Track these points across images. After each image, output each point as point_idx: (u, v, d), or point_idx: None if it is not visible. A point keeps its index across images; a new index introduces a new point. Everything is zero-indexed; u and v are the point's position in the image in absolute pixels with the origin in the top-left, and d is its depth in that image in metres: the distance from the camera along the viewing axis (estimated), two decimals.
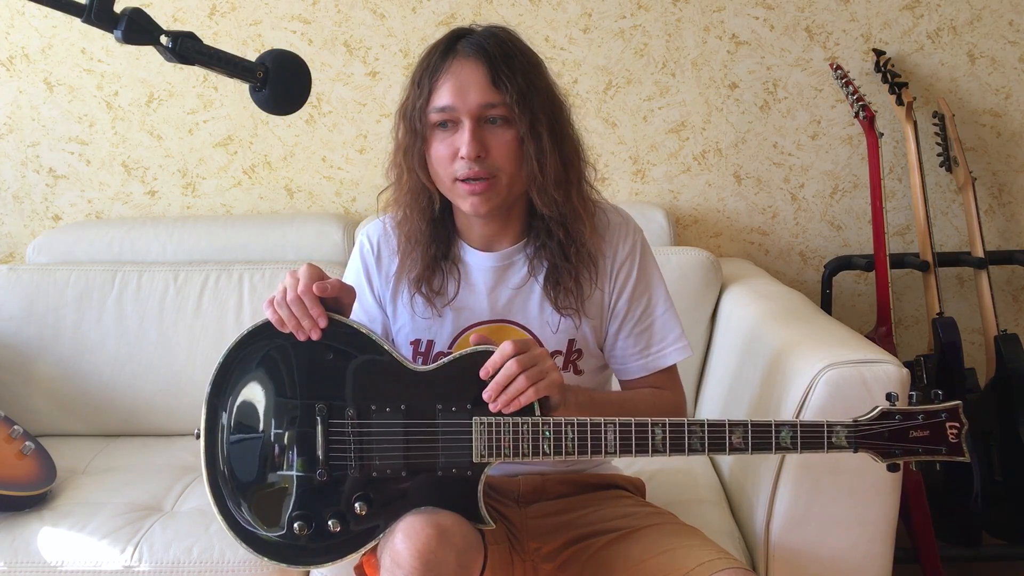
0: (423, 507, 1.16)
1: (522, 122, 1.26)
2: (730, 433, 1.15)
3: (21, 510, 1.65)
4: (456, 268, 1.37)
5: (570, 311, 1.34)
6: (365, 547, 1.19)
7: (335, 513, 1.18)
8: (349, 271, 1.45)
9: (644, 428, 1.16)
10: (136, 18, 0.91)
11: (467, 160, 1.25)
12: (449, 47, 1.29)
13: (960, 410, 1.16)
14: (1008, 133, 2.29)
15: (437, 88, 1.27)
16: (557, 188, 1.29)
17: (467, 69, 1.26)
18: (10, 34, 2.26)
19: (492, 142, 1.26)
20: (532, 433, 1.16)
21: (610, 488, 1.44)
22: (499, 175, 1.27)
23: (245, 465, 1.21)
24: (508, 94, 1.25)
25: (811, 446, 1.16)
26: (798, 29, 2.25)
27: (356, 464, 1.18)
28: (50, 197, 2.34)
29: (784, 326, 1.65)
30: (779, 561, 1.44)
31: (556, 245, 1.32)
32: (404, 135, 1.32)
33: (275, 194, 2.33)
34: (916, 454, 1.16)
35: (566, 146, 1.31)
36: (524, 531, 1.35)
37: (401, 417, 1.18)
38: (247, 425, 1.21)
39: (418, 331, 1.38)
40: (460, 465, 1.17)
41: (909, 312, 2.36)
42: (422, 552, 1.09)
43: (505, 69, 1.25)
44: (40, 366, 2.02)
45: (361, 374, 1.20)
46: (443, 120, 1.27)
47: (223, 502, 1.21)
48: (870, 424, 1.16)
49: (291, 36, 2.26)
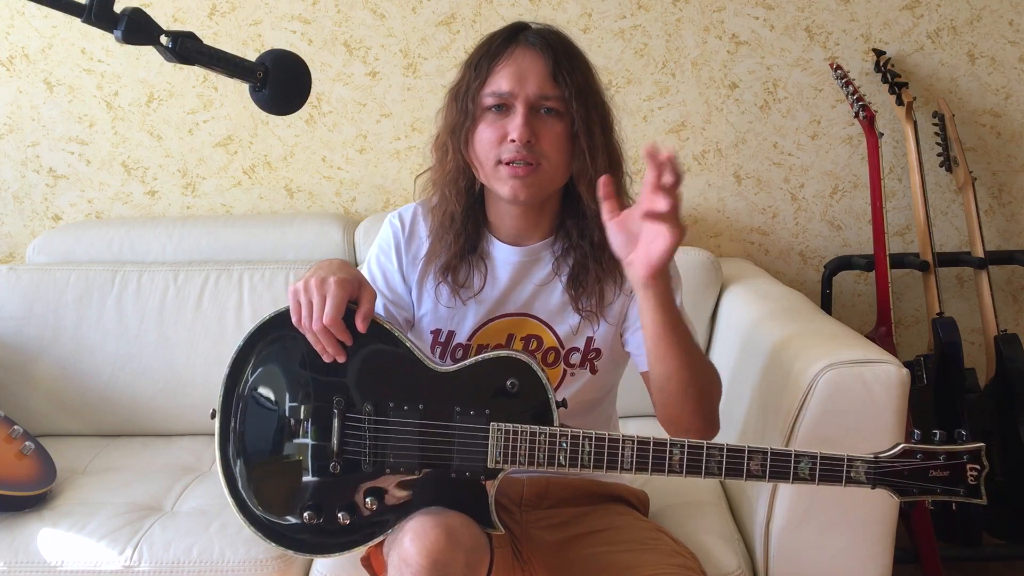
0: (432, 507, 1.15)
1: (578, 116, 1.27)
2: (749, 459, 1.14)
3: (21, 510, 1.65)
4: (483, 262, 1.37)
5: (589, 313, 1.34)
6: (372, 541, 1.19)
7: (345, 505, 1.18)
8: (376, 251, 1.43)
9: (662, 448, 1.14)
10: (136, 18, 0.91)
11: (517, 143, 1.25)
12: (511, 36, 1.30)
13: (982, 453, 1.14)
14: (1008, 133, 2.29)
15: (496, 72, 1.28)
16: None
17: (529, 58, 1.28)
18: (10, 34, 2.26)
19: (542, 130, 1.27)
20: (549, 443, 1.15)
21: (613, 501, 1.44)
22: (544, 163, 1.27)
23: (258, 450, 1.21)
24: (567, 88, 1.26)
25: (829, 479, 1.14)
26: (798, 29, 2.25)
27: (370, 459, 1.18)
28: (50, 197, 2.34)
29: (784, 326, 1.64)
30: (779, 561, 1.43)
31: (589, 246, 1.33)
32: (454, 115, 1.32)
33: (275, 194, 2.33)
34: (934, 493, 1.15)
35: (613, 149, 1.33)
36: (523, 540, 1.35)
37: (418, 416, 1.18)
38: (263, 410, 1.21)
39: (439, 321, 1.38)
40: (474, 469, 1.17)
41: (909, 312, 2.36)
42: (431, 552, 1.09)
43: (566, 64, 1.28)
44: (40, 366, 2.02)
45: (381, 370, 1.20)
46: (497, 104, 1.27)
47: (234, 483, 1.20)
48: (891, 461, 1.14)
49: (291, 36, 2.26)
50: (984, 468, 1.14)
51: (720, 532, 1.51)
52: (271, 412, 1.21)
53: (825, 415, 1.35)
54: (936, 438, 1.15)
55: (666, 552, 1.32)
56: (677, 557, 1.31)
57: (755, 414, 1.56)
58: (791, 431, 1.38)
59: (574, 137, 1.28)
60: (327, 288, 1.16)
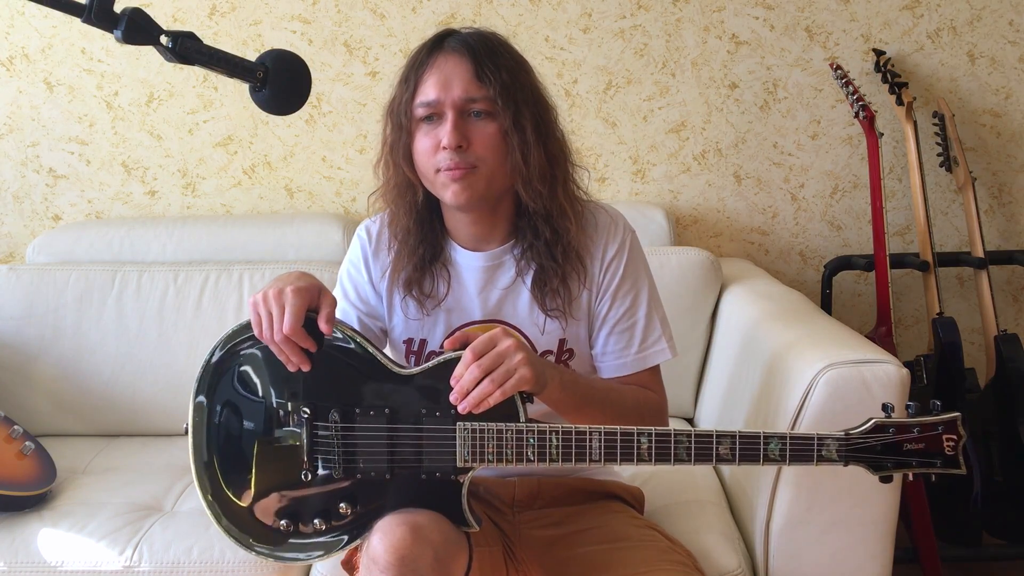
0: (403, 508, 1.16)
1: (505, 115, 1.26)
2: (717, 444, 1.14)
3: (21, 510, 1.65)
4: (446, 269, 1.37)
5: (557, 313, 1.34)
6: (350, 545, 1.20)
7: (320, 512, 1.19)
8: (347, 264, 1.45)
9: (630, 437, 1.14)
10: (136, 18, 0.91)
11: (449, 150, 1.25)
12: (436, 44, 1.30)
13: (959, 422, 1.13)
14: (1008, 133, 2.29)
15: (422, 82, 1.28)
16: (542, 182, 1.29)
17: (451, 63, 1.27)
18: (10, 34, 2.26)
19: (474, 134, 1.27)
20: (516, 439, 1.15)
21: (607, 499, 1.44)
22: (480, 165, 1.27)
23: (231, 462, 1.22)
24: (491, 87, 1.26)
25: (800, 459, 1.14)
26: (798, 29, 2.25)
27: (340, 466, 1.19)
28: (50, 197, 2.34)
29: (784, 326, 1.64)
30: (779, 561, 1.44)
31: (543, 244, 1.32)
32: (391, 132, 1.33)
33: (275, 194, 2.33)
34: (909, 467, 1.13)
35: (551, 143, 1.32)
36: (516, 540, 1.35)
37: (385, 420, 1.18)
38: (232, 423, 1.22)
39: (411, 331, 1.38)
40: (444, 469, 1.17)
41: (909, 312, 2.36)
42: (397, 548, 1.10)
43: (489, 64, 1.27)
44: (40, 366, 2.02)
45: (346, 377, 1.20)
46: (428, 114, 1.28)
47: (208, 497, 1.22)
48: (862, 437, 1.13)
49: (291, 36, 2.26)
50: (962, 438, 1.13)
51: (720, 531, 1.51)
52: (240, 424, 1.22)
53: (825, 415, 1.35)
54: (910, 411, 1.14)
55: (661, 549, 1.32)
56: (672, 554, 1.31)
57: (755, 414, 1.56)
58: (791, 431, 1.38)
59: (506, 136, 1.28)
60: (284, 298, 1.16)
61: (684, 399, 2.03)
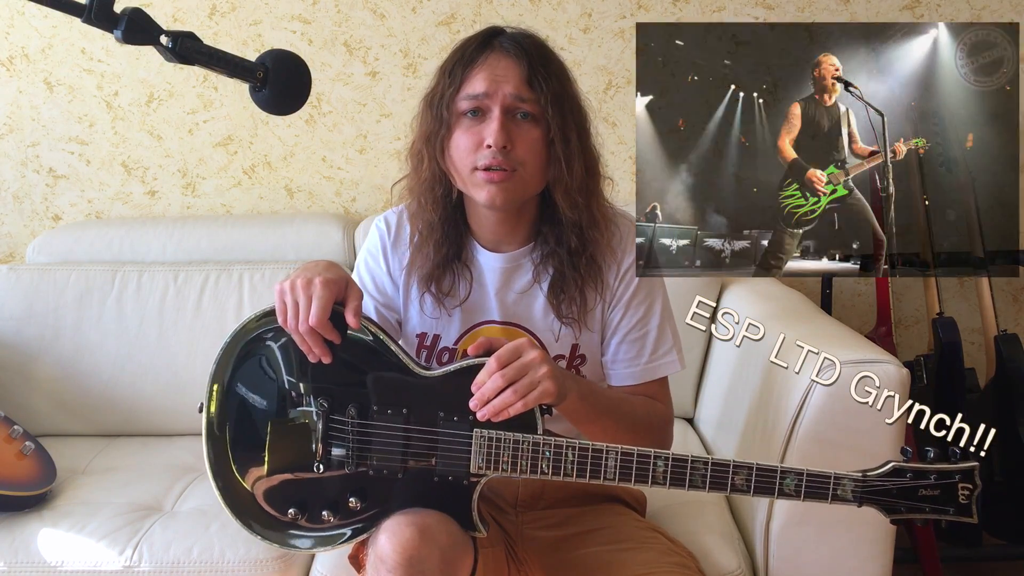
0: (412, 508, 1.16)
1: (553, 123, 1.25)
2: (734, 474, 1.13)
3: (21, 510, 1.65)
4: (468, 269, 1.36)
5: (571, 321, 1.33)
6: (357, 538, 1.20)
7: (329, 504, 1.18)
8: (365, 255, 1.43)
9: (646, 460, 1.14)
10: (136, 18, 0.91)
11: (493, 149, 1.23)
12: (485, 42, 1.29)
13: (975, 472, 1.12)
14: None
15: (471, 77, 1.26)
16: (581, 192, 1.29)
17: (504, 63, 1.26)
18: (10, 34, 2.26)
19: (518, 136, 1.25)
20: (532, 451, 1.15)
21: (609, 500, 1.44)
22: (520, 169, 1.25)
23: (245, 446, 1.21)
24: (543, 94, 1.24)
25: (814, 496, 1.13)
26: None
27: (353, 461, 1.18)
28: (50, 197, 2.34)
29: (784, 326, 1.64)
30: (779, 561, 1.43)
31: (566, 253, 1.31)
32: (428, 122, 1.30)
33: (275, 194, 2.33)
34: (923, 512, 1.12)
35: (589, 155, 1.32)
36: (518, 540, 1.35)
37: (402, 420, 1.17)
38: (249, 407, 1.21)
39: (425, 325, 1.38)
40: (456, 474, 1.17)
41: (909, 312, 2.36)
42: (405, 548, 1.10)
43: (542, 70, 1.25)
44: (40, 366, 2.02)
45: (366, 373, 1.20)
46: (473, 108, 1.25)
47: (219, 478, 1.21)
48: (879, 480, 1.12)
49: (291, 36, 2.26)
50: (976, 487, 1.11)
51: (720, 532, 1.51)
52: (256, 409, 1.21)
53: (825, 415, 1.35)
54: (929, 455, 1.13)
55: (662, 551, 1.32)
56: (673, 556, 1.31)
57: (755, 414, 1.56)
58: (791, 431, 1.38)
59: (550, 143, 1.26)
60: (313, 289, 1.15)
61: (684, 399, 2.03)
